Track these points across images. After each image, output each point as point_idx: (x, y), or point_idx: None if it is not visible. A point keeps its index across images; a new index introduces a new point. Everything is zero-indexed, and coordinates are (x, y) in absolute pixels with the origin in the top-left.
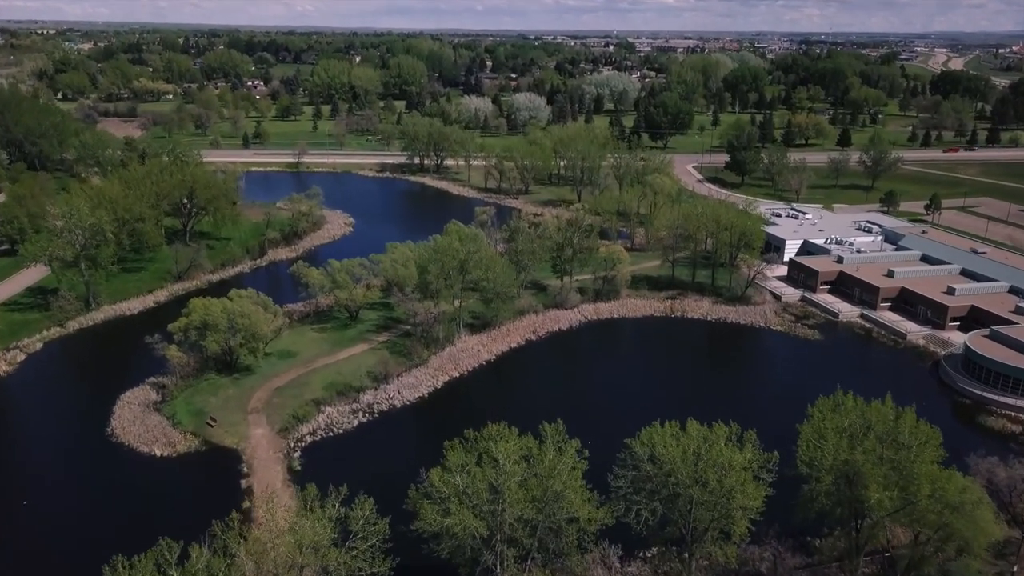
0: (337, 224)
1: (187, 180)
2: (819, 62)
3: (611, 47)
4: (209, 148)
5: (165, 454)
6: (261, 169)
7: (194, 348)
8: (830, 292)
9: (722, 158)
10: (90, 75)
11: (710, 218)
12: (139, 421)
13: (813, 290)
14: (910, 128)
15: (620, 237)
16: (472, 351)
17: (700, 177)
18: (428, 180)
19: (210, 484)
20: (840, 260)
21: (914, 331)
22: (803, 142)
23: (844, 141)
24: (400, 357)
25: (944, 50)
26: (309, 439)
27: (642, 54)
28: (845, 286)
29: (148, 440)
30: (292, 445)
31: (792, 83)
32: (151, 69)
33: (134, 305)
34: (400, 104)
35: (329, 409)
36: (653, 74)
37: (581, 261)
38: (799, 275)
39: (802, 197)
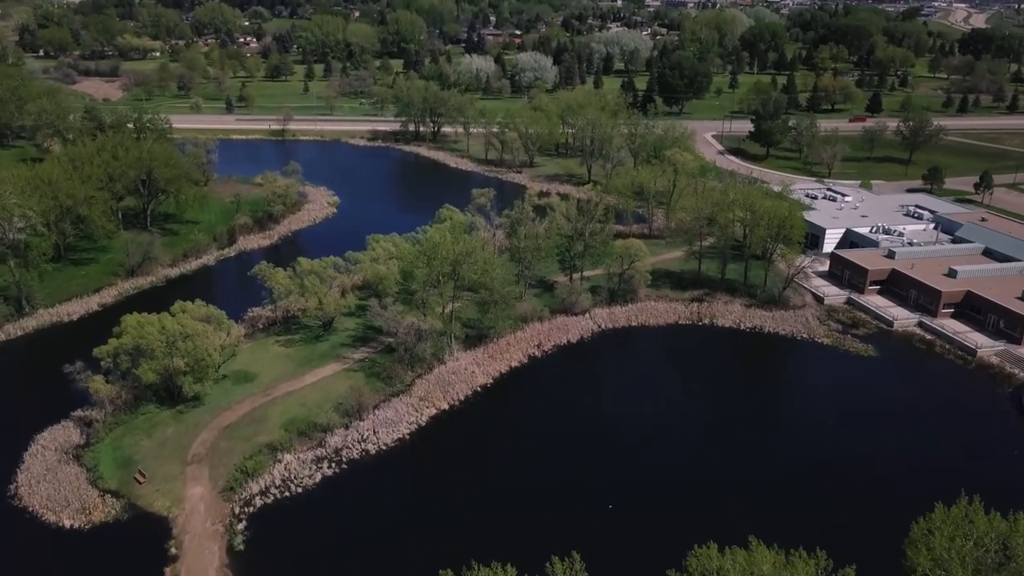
0: (319, 204)
1: (144, 158)
2: (840, 18)
3: (619, 1)
4: (189, 112)
5: (76, 525)
6: (243, 137)
7: (127, 375)
8: (880, 293)
9: (743, 126)
10: (73, 31)
11: (742, 205)
12: (51, 476)
13: (861, 291)
14: (939, 91)
15: (636, 220)
16: (465, 373)
17: (721, 148)
18: (424, 150)
19: (124, 574)
20: (891, 255)
21: (985, 346)
22: (829, 107)
23: (874, 106)
24: (378, 382)
25: (963, 5)
26: (259, 501)
27: (652, 9)
28: (898, 287)
29: (58, 504)
30: (237, 512)
31: (812, 41)
32: (138, 25)
33: (75, 308)
34: (397, 63)
35: (287, 458)
36: (664, 31)
37: (594, 256)
38: (843, 272)
39: (834, 172)
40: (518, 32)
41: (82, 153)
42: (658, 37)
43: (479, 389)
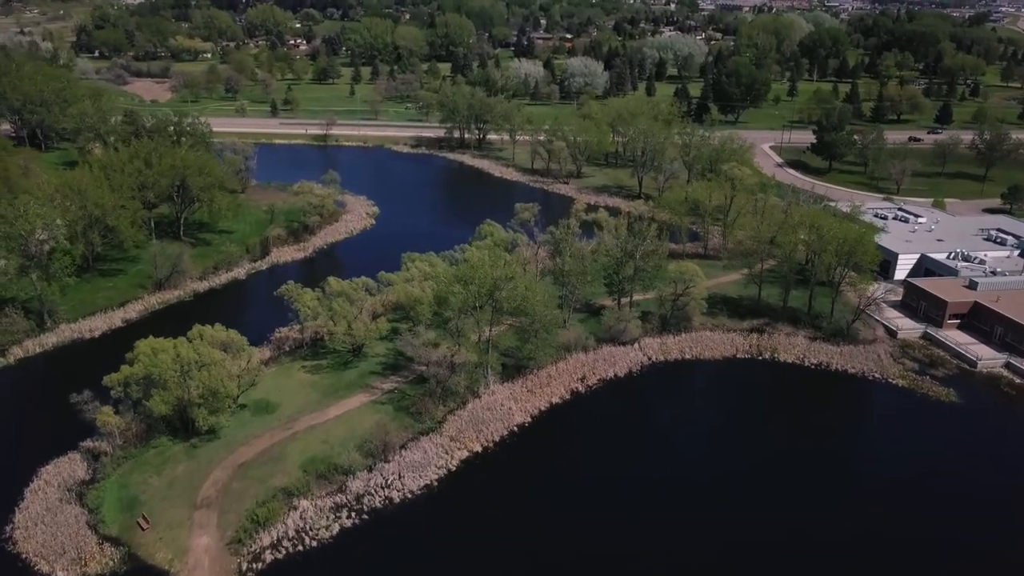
0: (358, 215)
1: (177, 166)
2: (904, 24)
3: (672, 5)
4: (234, 115)
5: None
6: (285, 142)
7: (139, 405)
8: (961, 328)
9: (803, 136)
10: (127, 32)
11: (807, 227)
12: (50, 517)
13: (939, 325)
14: (1013, 102)
15: (690, 238)
16: (501, 409)
17: (779, 160)
18: (468, 158)
19: None
20: (973, 286)
21: None
22: (895, 117)
23: (944, 117)
24: (407, 417)
25: None
26: (270, 556)
27: (706, 13)
28: (981, 321)
29: (53, 551)
30: (244, 569)
31: (875, 48)
32: (192, 26)
33: (98, 324)
34: (445, 67)
35: (304, 504)
36: (719, 35)
37: (645, 280)
38: (919, 303)
39: (903, 189)
40: (568, 36)
41: (114, 160)
42: (713, 42)
43: (515, 429)
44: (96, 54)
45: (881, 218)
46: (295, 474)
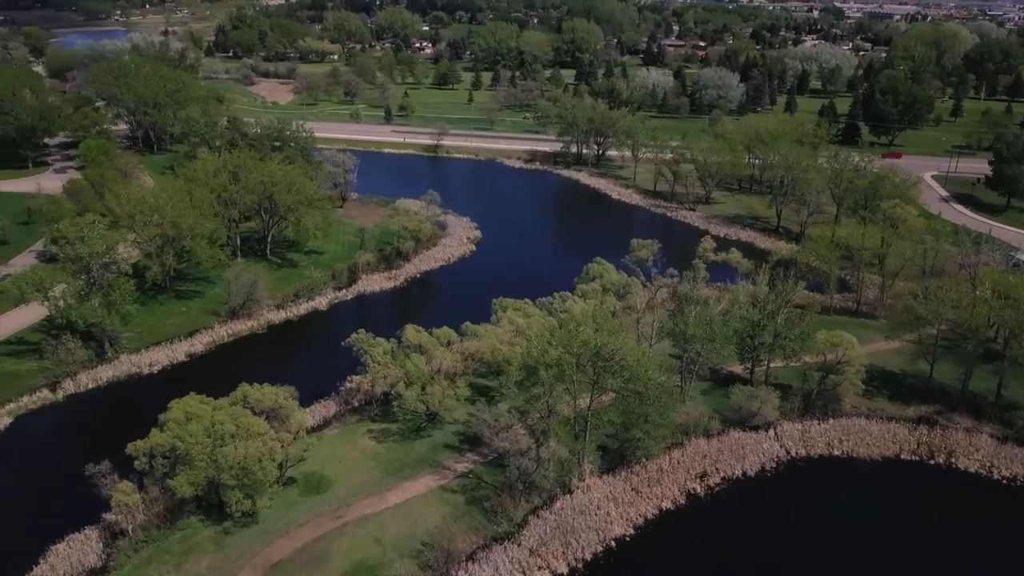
0: (458, 239)
1: (265, 181)
2: None
3: (815, 12)
4: (348, 121)
5: None
6: (394, 151)
7: (166, 478)
8: None
9: (972, 165)
10: (260, 32)
11: (998, 305)
12: None
13: None
14: None
15: (839, 287)
16: (596, 515)
17: (944, 193)
18: (584, 176)
19: None
20: None
21: None
22: None
23: None
24: (479, 514)
25: None
26: None
27: (852, 21)
28: None
29: None
30: None
31: None
32: (323, 28)
33: (159, 357)
34: (569, 73)
35: None
36: (868, 46)
37: (786, 349)
38: None
39: None
40: (702, 44)
41: (199, 172)
42: (862, 53)
43: (612, 544)
44: (230, 54)
45: None
46: None
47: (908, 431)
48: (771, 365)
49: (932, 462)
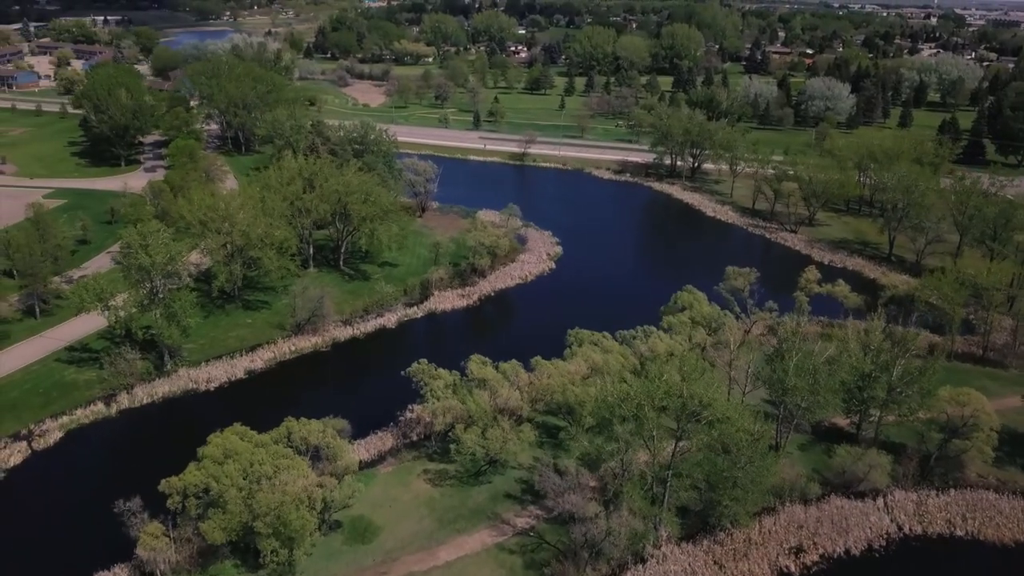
0: (538, 255)
1: (340, 191)
2: None
3: (934, 19)
4: (436, 126)
5: None
6: (480, 159)
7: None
8: None
9: None
10: (359, 34)
11: None
12: None
13: None
14: None
15: (962, 329)
16: None
17: None
18: (677, 190)
19: None
20: None
21: None
22: None
23: None
24: None
25: None
26: None
27: (974, 29)
28: None
29: None
30: None
31: None
32: (420, 31)
33: (218, 372)
34: (666, 80)
35: None
36: (993, 56)
37: (901, 406)
38: None
39: None
40: (809, 51)
41: (273, 180)
42: (986, 64)
43: None
44: (329, 55)
45: None
46: None
47: None
48: (882, 420)
49: None
